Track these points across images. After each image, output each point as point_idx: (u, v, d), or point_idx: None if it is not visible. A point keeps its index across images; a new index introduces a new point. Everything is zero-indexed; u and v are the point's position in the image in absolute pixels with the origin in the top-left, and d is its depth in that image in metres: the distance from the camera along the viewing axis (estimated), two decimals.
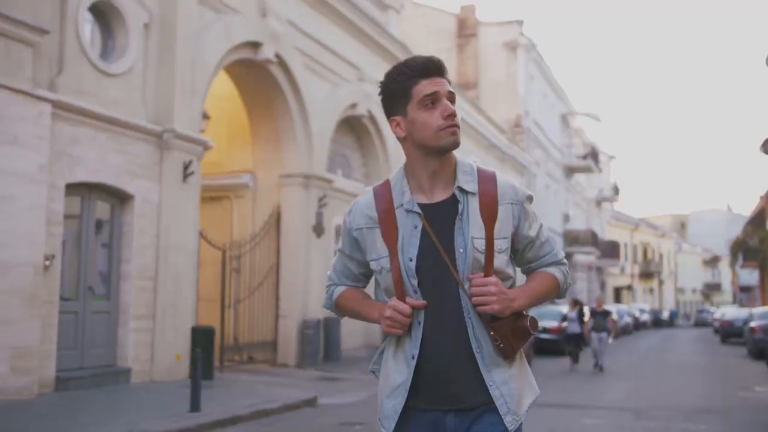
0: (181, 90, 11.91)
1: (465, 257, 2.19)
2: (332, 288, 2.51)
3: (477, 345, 2.20)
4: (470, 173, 2.28)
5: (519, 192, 2.31)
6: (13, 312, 9.00)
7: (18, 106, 9.18)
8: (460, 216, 2.22)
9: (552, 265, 2.39)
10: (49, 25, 9.81)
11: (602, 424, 9.65)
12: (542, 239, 2.37)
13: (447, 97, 2.23)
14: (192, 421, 8.20)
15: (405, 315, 2.20)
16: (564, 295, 2.45)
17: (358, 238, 2.35)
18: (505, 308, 2.18)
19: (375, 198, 2.33)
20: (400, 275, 2.22)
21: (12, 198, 9.05)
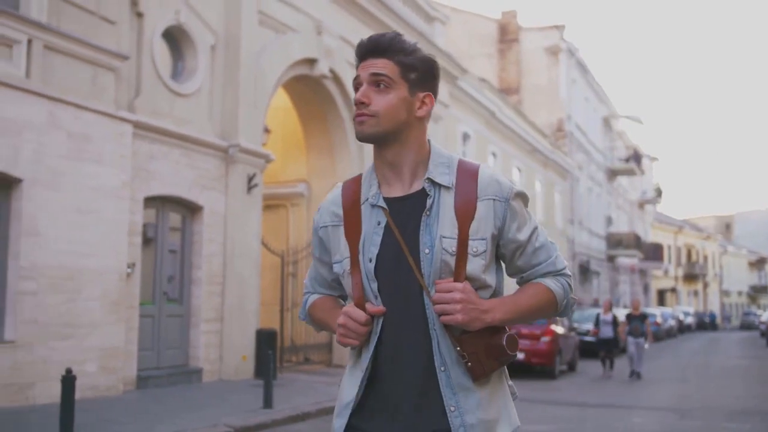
0: (245, 107, 12.69)
1: (431, 259, 1.90)
2: (306, 297, 2.24)
3: (441, 362, 1.89)
4: (446, 164, 2.00)
5: (505, 187, 1.98)
6: (101, 316, 9.83)
7: (103, 127, 10.01)
8: (428, 211, 1.93)
9: (548, 276, 2.03)
10: (128, 51, 10.64)
11: (648, 423, 10.17)
12: (536, 245, 2.01)
13: (368, 81, 1.96)
14: (266, 417, 8.93)
15: (360, 322, 1.92)
16: (566, 312, 2.09)
17: (323, 238, 2.10)
18: (472, 320, 1.86)
19: (342, 193, 2.08)
20: (360, 278, 1.96)
21: (99, 212, 9.88)
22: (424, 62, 2.01)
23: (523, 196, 2.02)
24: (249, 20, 12.86)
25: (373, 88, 1.95)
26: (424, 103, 2.01)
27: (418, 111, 2.00)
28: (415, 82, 1.98)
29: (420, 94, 1.99)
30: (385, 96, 1.95)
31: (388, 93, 1.95)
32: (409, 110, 1.97)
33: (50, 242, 9.16)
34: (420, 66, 1.99)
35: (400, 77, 1.96)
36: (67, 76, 9.61)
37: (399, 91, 1.96)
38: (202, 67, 12.14)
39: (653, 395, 13.59)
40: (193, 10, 11.89)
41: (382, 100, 1.94)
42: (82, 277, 9.57)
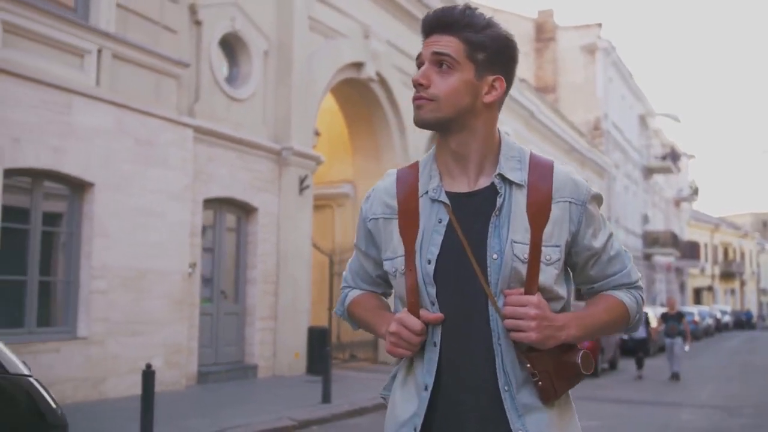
0: (297, 110, 13.04)
1: (500, 266, 1.70)
2: (345, 291, 2.04)
3: (505, 381, 1.70)
4: (518, 159, 1.79)
5: (582, 189, 1.78)
6: (166, 314, 10.23)
7: (167, 132, 10.41)
8: (498, 212, 1.73)
9: (621, 288, 1.84)
10: (188, 58, 11.03)
11: (697, 420, 10.33)
12: (611, 253, 1.82)
13: (430, 60, 1.75)
14: (327, 411, 9.26)
15: (415, 332, 1.72)
16: (635, 328, 1.91)
17: (373, 231, 1.88)
18: (546, 338, 1.68)
19: (397, 182, 1.86)
20: (415, 281, 1.75)
21: (163, 214, 10.28)
22: (496, 41, 1.76)
23: (599, 199, 1.82)
24: (300, 26, 13.20)
25: (435, 69, 1.74)
26: (494, 87, 1.77)
27: (486, 97, 1.76)
28: (484, 64, 1.74)
29: (489, 78, 1.76)
30: (446, 78, 1.73)
31: (450, 75, 1.73)
32: (474, 95, 1.75)
33: (119, 243, 9.58)
34: (490, 45, 1.75)
35: (465, 57, 1.73)
36: (133, 83, 10.01)
37: (463, 74, 1.73)
38: (256, 72, 12.51)
39: (698, 393, 13.71)
40: (247, 17, 12.26)
41: (443, 83, 1.73)
42: (148, 276, 9.97)
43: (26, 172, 8.75)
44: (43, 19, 8.87)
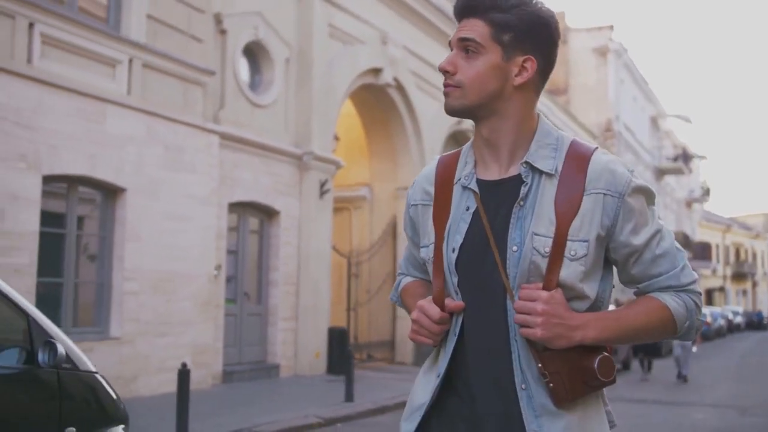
0: (317, 116, 13.36)
1: (518, 258, 1.64)
2: (400, 278, 2.04)
3: (522, 378, 1.64)
4: (554, 146, 1.71)
5: (620, 179, 1.65)
6: (193, 315, 10.56)
7: (194, 138, 10.74)
8: (522, 201, 1.66)
9: (669, 290, 1.69)
10: (214, 67, 11.36)
11: (711, 419, 10.58)
12: (656, 251, 1.68)
13: (457, 46, 1.72)
14: (350, 410, 9.57)
15: (434, 320, 1.71)
16: (689, 336, 1.74)
17: (414, 217, 1.87)
18: (554, 336, 1.60)
19: (437, 169, 1.84)
20: (442, 269, 1.73)
21: (190, 218, 10.60)
22: (524, 19, 1.68)
23: (645, 191, 1.68)
24: (320, 33, 13.51)
25: (462, 54, 1.70)
26: (524, 68, 1.69)
27: (516, 79, 1.69)
28: (512, 44, 1.68)
29: (518, 59, 1.69)
30: (472, 63, 1.68)
31: (475, 59, 1.68)
32: (503, 78, 1.68)
33: (150, 247, 9.91)
34: (517, 24, 1.67)
35: (491, 40, 1.68)
36: (162, 91, 10.34)
37: (489, 57, 1.68)
38: (278, 79, 12.83)
39: (711, 393, 13.95)
40: (269, 26, 12.57)
41: (469, 68, 1.68)
42: (176, 279, 10.30)
43: (63, 179, 9.09)
44: (77, 30, 9.21)
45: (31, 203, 8.43)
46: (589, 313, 1.67)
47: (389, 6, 15.60)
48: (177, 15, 10.69)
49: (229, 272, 12.01)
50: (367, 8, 14.90)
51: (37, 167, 8.54)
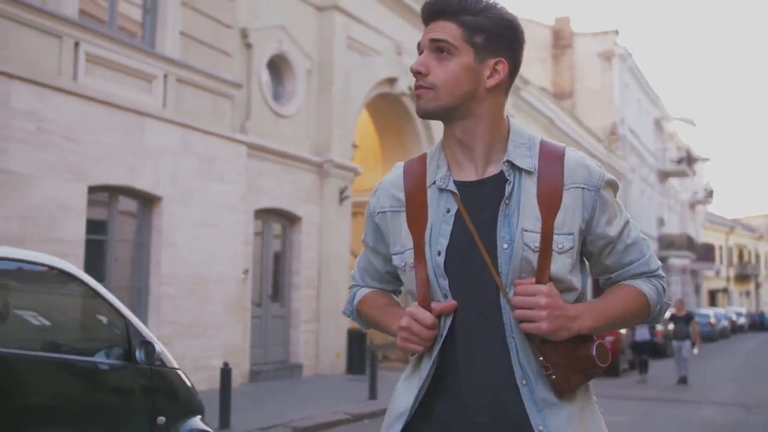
0: (337, 125, 13.89)
1: (510, 255, 1.65)
2: (354, 290, 2.00)
3: (522, 374, 1.65)
4: (527, 146, 1.74)
5: (595, 174, 1.72)
6: (224, 317, 11.10)
7: (223, 149, 11.27)
8: (507, 199, 1.68)
9: (641, 277, 1.78)
10: (241, 79, 11.90)
11: (717, 416, 11.10)
12: (627, 241, 1.76)
13: (428, 47, 1.71)
14: (375, 407, 10.09)
15: (426, 326, 1.67)
16: (658, 319, 1.85)
17: (381, 225, 1.84)
18: (558, 328, 1.63)
19: (404, 174, 1.82)
20: (426, 274, 1.71)
21: (220, 225, 11.14)
22: (496, 22, 1.70)
23: (614, 185, 1.76)
24: (339, 45, 14.04)
25: (434, 56, 1.69)
26: (496, 70, 1.71)
27: (488, 81, 1.70)
28: (484, 46, 1.69)
29: (490, 61, 1.70)
30: (445, 65, 1.68)
31: (448, 61, 1.68)
32: (475, 80, 1.69)
33: (184, 252, 10.44)
34: (489, 26, 1.69)
35: (463, 41, 1.68)
36: (194, 104, 10.87)
37: (462, 58, 1.68)
38: (300, 90, 13.36)
39: (717, 392, 14.45)
40: (292, 39, 13.11)
41: (441, 70, 1.68)
42: (208, 282, 10.84)
43: (105, 189, 9.62)
44: (117, 48, 9.75)
45: (78, 212, 8.97)
46: (582, 303, 1.72)
47: (404, 17, 16.12)
48: (207, 31, 11.23)
49: (254, 276, 12.53)
50: (383, 20, 15.44)
51: (83, 178, 9.08)
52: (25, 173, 8.39)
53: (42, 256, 4.05)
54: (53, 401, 3.82)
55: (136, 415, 4.17)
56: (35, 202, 8.46)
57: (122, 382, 4.18)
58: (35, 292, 4.20)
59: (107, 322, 4.31)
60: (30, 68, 8.57)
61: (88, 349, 4.22)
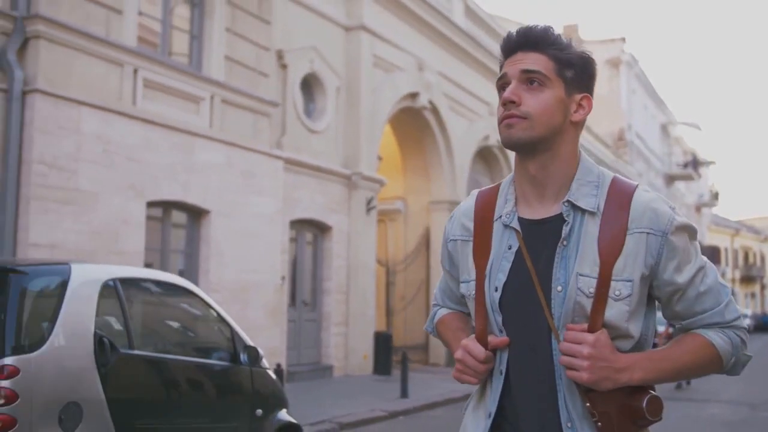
0: (364, 139, 14.70)
1: (563, 298, 1.65)
2: (435, 309, 2.08)
3: (567, 417, 1.66)
4: (595, 184, 1.72)
5: (663, 218, 1.66)
6: (263, 321, 11.91)
7: (263, 164, 12.08)
8: (565, 241, 1.68)
9: (714, 327, 1.71)
10: (277, 98, 12.71)
11: (724, 414, 11.89)
12: (700, 288, 1.69)
13: (518, 78, 1.71)
14: (408, 404, 10.90)
15: (479, 360, 1.72)
16: (733, 372, 1.78)
17: (452, 252, 1.89)
18: (600, 379, 1.60)
19: (476, 204, 1.85)
20: (484, 307, 1.74)
21: (260, 234, 11.95)
22: (583, 59, 1.75)
23: (688, 229, 1.69)
24: (366, 63, 14.85)
25: (524, 86, 1.70)
26: (581, 106, 1.75)
27: (575, 115, 1.74)
28: (573, 81, 1.72)
29: (577, 96, 1.74)
30: (539, 95, 1.69)
31: (542, 92, 1.69)
32: (564, 114, 1.72)
33: (229, 261, 11.25)
34: (578, 62, 1.73)
35: (555, 74, 1.70)
36: (237, 123, 11.68)
37: (555, 91, 1.70)
38: (330, 106, 14.18)
39: (723, 391, 15.23)
40: (323, 59, 13.92)
41: (536, 100, 1.69)
42: (251, 289, 11.65)
43: (160, 204, 10.44)
44: (170, 73, 10.56)
45: (138, 226, 9.79)
46: (636, 353, 1.67)
47: (426, 35, 16.95)
48: (247, 54, 12.04)
49: (289, 282, 13.35)
50: (406, 38, 16.24)
51: (142, 195, 9.89)
52: (94, 191, 9.21)
53: (167, 275, 4.88)
54: (184, 394, 4.64)
55: (241, 408, 4.98)
56: (102, 217, 9.27)
57: (230, 380, 4.99)
58: (165, 305, 5.02)
59: (217, 329, 5.12)
60: (96, 95, 9.37)
61: (204, 352, 5.03)
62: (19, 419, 3.47)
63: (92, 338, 3.88)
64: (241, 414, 4.96)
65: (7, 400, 3.46)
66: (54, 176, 8.72)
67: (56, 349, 3.71)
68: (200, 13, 11.38)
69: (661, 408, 1.66)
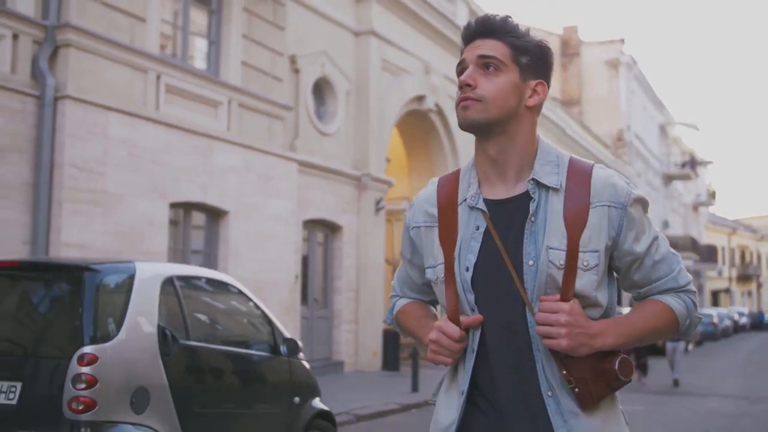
0: (373, 141, 15.10)
1: (536, 272, 1.72)
2: (394, 300, 2.12)
3: (548, 386, 1.73)
4: (555, 164, 1.81)
5: (622, 192, 1.78)
6: (278, 318, 12.23)
7: (278, 167, 12.48)
8: (533, 217, 1.75)
9: (669, 292, 1.83)
10: (291, 102, 13.10)
11: (724, 407, 12.30)
12: (656, 257, 1.81)
13: (475, 63, 1.79)
14: (419, 398, 11.30)
15: (454, 339, 1.76)
16: (688, 333, 1.88)
17: (416, 239, 1.94)
18: (578, 345, 1.68)
19: (438, 190, 1.92)
20: (454, 288, 1.79)
21: (276, 235, 12.35)
22: (539, 47, 1.83)
23: (642, 202, 1.82)
24: (374, 67, 15.24)
25: (481, 71, 1.78)
26: (536, 92, 1.82)
27: (529, 100, 1.81)
28: (528, 67, 1.80)
29: (532, 82, 1.81)
30: (494, 79, 1.77)
31: (497, 76, 1.77)
32: (518, 98, 1.79)
33: (247, 261, 11.65)
34: (534, 50, 1.81)
35: (511, 60, 1.78)
36: (253, 126, 12.07)
37: (510, 75, 1.78)
38: (340, 110, 14.57)
39: (722, 386, 15.65)
40: (334, 63, 14.31)
41: (491, 84, 1.76)
42: (266, 287, 12.02)
43: (182, 205, 10.82)
44: (189, 78, 10.94)
45: (161, 227, 10.17)
46: (606, 320, 1.76)
47: (432, 39, 17.36)
48: (263, 59, 12.42)
49: (302, 281, 13.74)
50: (413, 42, 16.64)
51: (165, 197, 10.28)
52: (120, 193, 9.59)
53: (216, 273, 5.29)
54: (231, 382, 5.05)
55: (281, 396, 5.39)
56: (128, 218, 9.65)
57: (270, 369, 5.40)
58: (214, 300, 5.43)
59: (259, 323, 5.52)
60: (122, 100, 9.76)
61: (248, 343, 5.44)
62: (98, 402, 3.87)
63: (156, 330, 4.27)
64: (281, 401, 5.36)
65: (88, 384, 3.86)
66: (84, 179, 9.10)
67: (126, 340, 4.10)
68: (218, 20, 11.77)
69: (632, 369, 1.75)
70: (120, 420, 3.97)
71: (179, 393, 4.35)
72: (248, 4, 12.08)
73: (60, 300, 4.35)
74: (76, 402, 3.83)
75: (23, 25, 8.87)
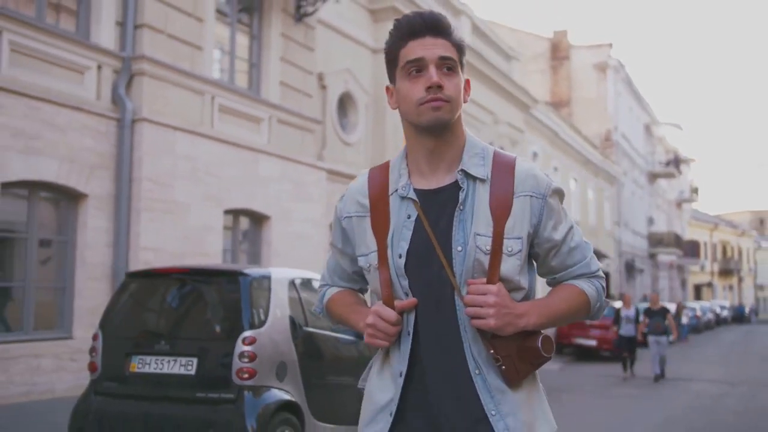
0: (389, 149, 16.49)
1: (464, 257, 1.80)
2: (324, 289, 2.17)
3: (475, 365, 1.81)
4: (481, 155, 1.88)
5: (542, 183, 1.87)
6: None
7: (310, 175, 13.85)
8: (461, 206, 1.83)
9: (582, 278, 1.94)
10: (319, 116, 14.47)
11: (708, 389, 13.84)
12: (571, 244, 1.92)
13: (436, 64, 1.82)
14: None
15: (390, 322, 1.83)
16: (597, 316, 1.98)
17: (347, 229, 2.00)
18: (505, 325, 1.78)
19: (369, 181, 2.00)
20: (388, 275, 1.85)
21: (309, 237, 13.73)
22: (464, 45, 1.91)
23: (560, 192, 1.93)
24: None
25: (441, 72, 1.83)
26: (467, 88, 1.93)
27: (465, 96, 1.91)
28: (463, 66, 1.90)
29: (464, 79, 1.91)
30: (453, 80, 1.85)
31: (454, 77, 1.85)
32: (463, 95, 1.89)
33: (286, 260, 13.00)
34: (464, 49, 1.91)
35: (458, 61, 1.87)
36: (289, 139, 13.43)
37: (460, 75, 1.87)
38: (361, 121, 15.96)
39: (705, 372, 17.21)
40: (355, 79, 15.69)
41: (452, 85, 1.84)
42: None
43: (232, 212, 12.19)
44: (237, 98, 12.29)
45: (217, 231, 11.53)
46: (529, 301, 1.88)
47: None
48: (296, 78, 13.78)
49: None
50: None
51: (220, 204, 11.64)
52: (185, 202, 10.95)
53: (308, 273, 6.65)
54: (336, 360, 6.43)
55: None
56: (192, 224, 11.01)
57: (357, 349, 6.75)
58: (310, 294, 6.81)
59: None
60: (185, 120, 11.10)
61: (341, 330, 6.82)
62: (258, 371, 5.25)
63: (288, 319, 5.66)
64: None
65: (251, 358, 5.23)
66: (158, 191, 10.45)
67: (271, 325, 5.47)
68: (258, 45, 13.12)
69: (553, 347, 1.86)
70: (270, 385, 5.36)
71: (303, 367, 5.73)
72: (285, 29, 13.43)
73: (222, 296, 5.71)
74: (242, 372, 5.21)
75: (105, 57, 10.19)
